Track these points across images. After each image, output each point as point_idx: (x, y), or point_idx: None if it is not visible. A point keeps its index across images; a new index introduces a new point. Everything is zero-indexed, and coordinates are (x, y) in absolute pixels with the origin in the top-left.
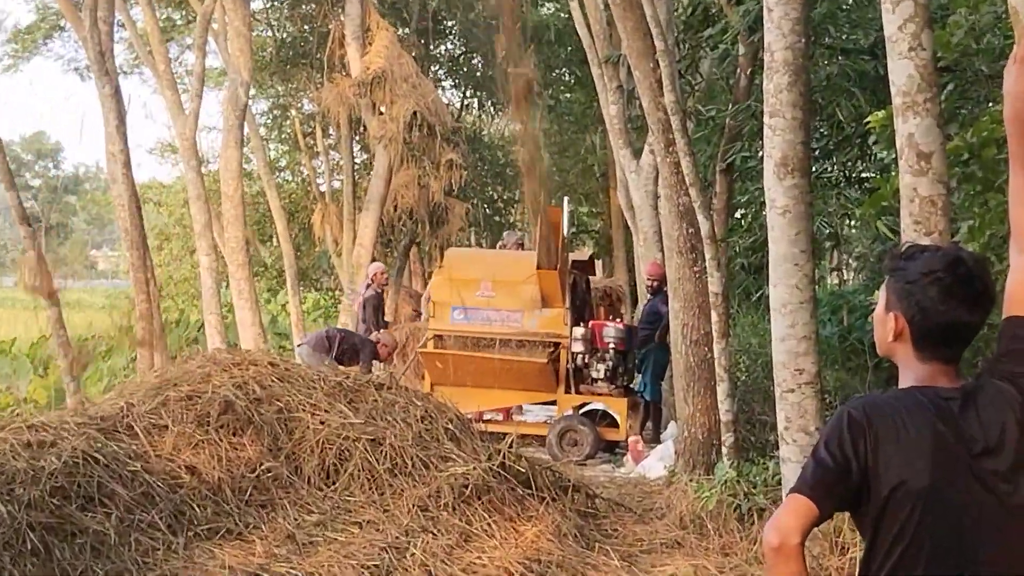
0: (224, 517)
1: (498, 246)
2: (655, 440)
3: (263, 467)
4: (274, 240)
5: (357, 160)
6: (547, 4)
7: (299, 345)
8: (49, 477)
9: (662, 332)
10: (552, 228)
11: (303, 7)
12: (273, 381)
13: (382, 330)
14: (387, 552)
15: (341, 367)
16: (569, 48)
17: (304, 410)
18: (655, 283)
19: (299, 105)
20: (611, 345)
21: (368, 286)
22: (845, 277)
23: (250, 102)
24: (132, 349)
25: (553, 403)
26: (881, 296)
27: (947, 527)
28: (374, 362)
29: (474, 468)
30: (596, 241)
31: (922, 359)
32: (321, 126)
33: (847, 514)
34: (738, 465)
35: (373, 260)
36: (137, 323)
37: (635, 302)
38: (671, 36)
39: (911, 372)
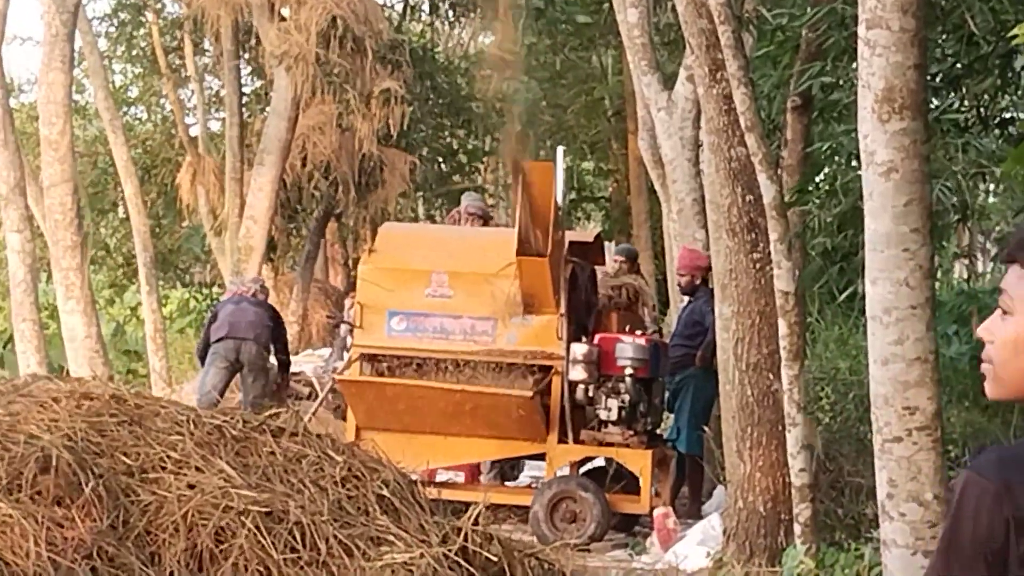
0: None
1: (448, 220)
2: (694, 513)
3: (102, 553)
4: (120, 210)
5: (246, 90)
6: None
7: (222, 341)
8: None
9: (705, 351)
10: (540, 193)
11: None
12: (118, 425)
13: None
14: None
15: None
16: None
17: (165, 468)
18: (692, 278)
19: (158, 6)
20: (628, 370)
21: None
22: (979, 269)
23: (85, 1)
24: None
25: (541, 457)
26: (1008, 302)
27: None
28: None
29: (421, 555)
30: (606, 213)
31: None
32: (192, 38)
33: None
34: (818, 551)
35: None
36: None
37: (666, 305)
38: None
39: None
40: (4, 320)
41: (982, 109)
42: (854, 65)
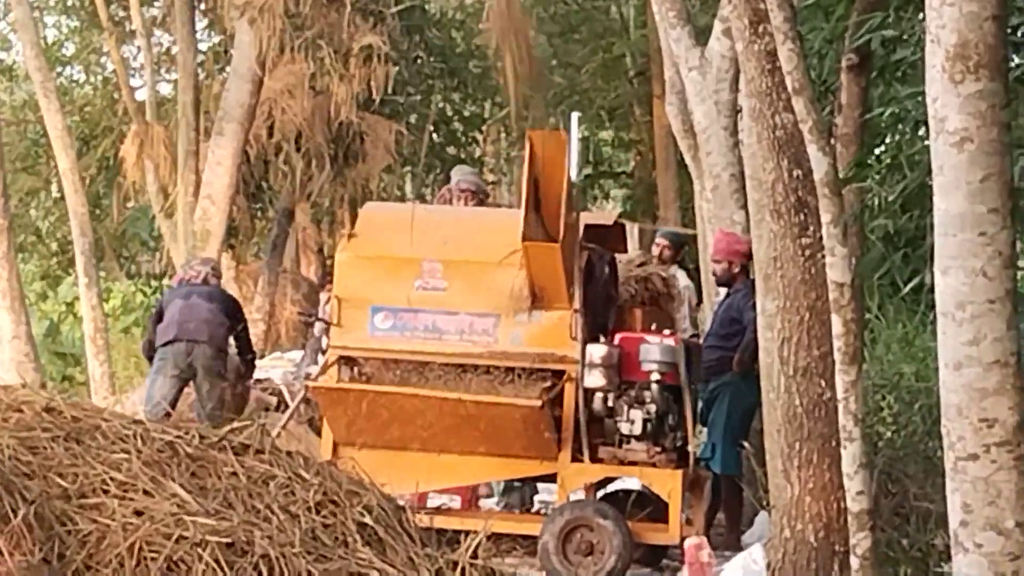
0: None
1: (437, 199)
2: (732, 544)
3: None
4: (54, 188)
5: (202, 47)
6: None
7: (171, 344)
8: None
9: (744, 354)
10: (550, 168)
11: None
12: (52, 441)
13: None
14: None
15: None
16: None
17: (108, 492)
18: (730, 266)
19: None
20: (655, 375)
21: None
22: None
23: None
24: None
25: (552, 479)
26: None
27: None
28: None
29: None
30: (629, 192)
31: None
32: None
33: None
34: None
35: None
36: None
37: (700, 299)
38: None
39: None
40: None
41: None
42: (921, 16)
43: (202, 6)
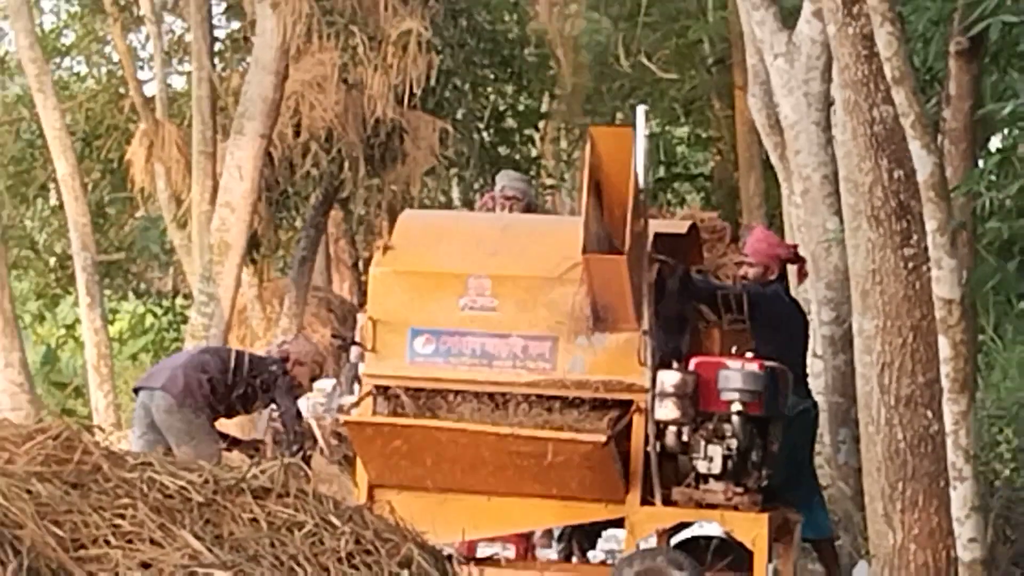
0: None
1: (479, 206)
2: None
3: None
4: (52, 196)
5: (220, 34)
6: None
7: (145, 389)
8: None
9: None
10: (615, 170)
11: None
12: (50, 483)
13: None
14: None
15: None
16: None
17: (111, 543)
18: (764, 272)
19: None
20: (736, 406)
21: None
22: None
23: None
24: None
25: (619, 523)
26: None
27: None
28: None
29: None
30: (706, 196)
31: None
32: None
33: None
34: None
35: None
36: None
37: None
38: None
39: None
40: None
41: None
42: None
43: None
